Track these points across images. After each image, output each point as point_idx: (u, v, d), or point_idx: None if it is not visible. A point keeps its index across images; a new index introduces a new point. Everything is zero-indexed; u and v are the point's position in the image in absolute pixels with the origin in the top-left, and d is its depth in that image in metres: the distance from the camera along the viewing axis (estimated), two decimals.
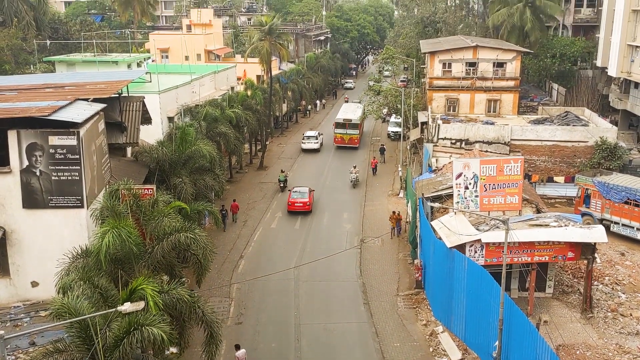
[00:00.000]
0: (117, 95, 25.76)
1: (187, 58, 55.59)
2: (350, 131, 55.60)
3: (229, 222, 36.95)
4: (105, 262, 16.24)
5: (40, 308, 20.20)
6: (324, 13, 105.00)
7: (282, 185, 43.84)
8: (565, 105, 52.93)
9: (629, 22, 47.12)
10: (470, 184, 25.91)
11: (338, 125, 56.27)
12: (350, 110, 59.18)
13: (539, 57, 59.67)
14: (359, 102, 65.72)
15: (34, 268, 20.77)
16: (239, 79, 56.11)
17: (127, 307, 13.74)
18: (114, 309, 14.25)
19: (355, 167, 46.20)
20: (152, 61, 53.68)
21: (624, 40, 47.50)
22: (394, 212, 35.93)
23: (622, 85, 49.78)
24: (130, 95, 27.96)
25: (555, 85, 61.27)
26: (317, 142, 56.07)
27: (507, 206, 26.20)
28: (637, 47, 46.26)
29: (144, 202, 19.19)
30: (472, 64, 47.28)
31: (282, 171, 45.74)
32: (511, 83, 47.20)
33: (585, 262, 25.02)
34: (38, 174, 19.89)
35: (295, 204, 39.10)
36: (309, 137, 56.52)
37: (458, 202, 26.13)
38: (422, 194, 29.16)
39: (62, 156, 19.75)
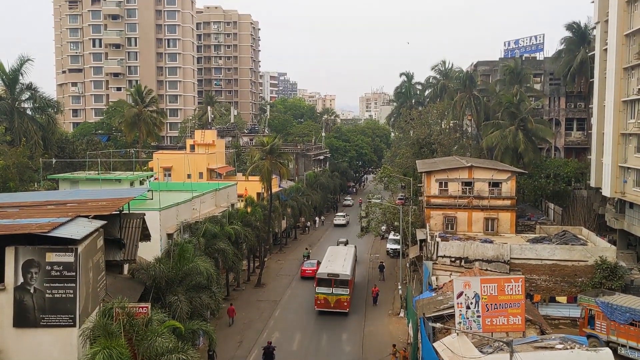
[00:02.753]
0: (118, 212, 26.00)
1: (189, 176, 56.77)
2: (337, 290, 41.64)
3: (225, 325, 37.33)
4: None
5: None
6: (323, 134, 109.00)
7: (305, 259, 56.12)
8: (562, 224, 53.25)
9: (619, 145, 48.70)
10: (471, 303, 25.42)
11: (321, 282, 41.90)
12: (338, 258, 46.62)
13: (534, 177, 61.01)
14: (346, 242, 60.39)
15: None
16: (240, 196, 56.92)
17: None
18: None
19: None
20: (155, 179, 54.73)
21: (615, 162, 48.81)
22: (394, 346, 33.39)
23: (617, 205, 50.41)
24: (131, 212, 28.21)
25: (552, 205, 62.05)
26: (344, 220, 78.64)
27: (510, 327, 25.52)
28: (628, 168, 47.45)
29: (137, 321, 18.74)
30: (468, 184, 48.19)
31: (306, 248, 60.47)
32: (507, 202, 47.82)
33: None
34: (32, 291, 19.54)
35: (306, 272, 51.30)
36: (338, 216, 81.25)
37: (460, 323, 25.48)
38: (424, 314, 28.51)
39: (58, 273, 19.52)
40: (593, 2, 57.98)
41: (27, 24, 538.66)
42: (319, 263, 49.00)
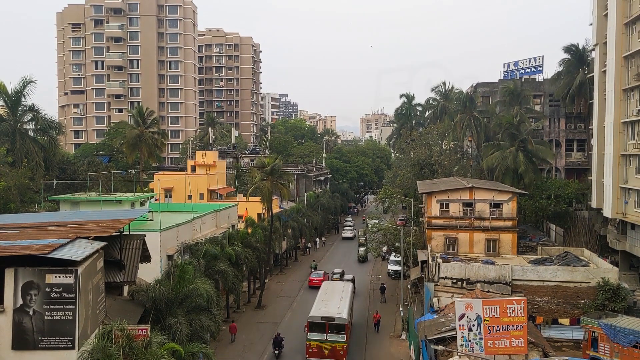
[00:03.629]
0: (118, 233, 25.95)
1: (189, 197, 56.80)
2: (332, 337, 35.84)
3: (225, 347, 36.87)
4: None
5: None
6: (324, 155, 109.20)
7: (312, 270, 60.21)
8: (563, 245, 53.06)
9: (619, 166, 48.76)
10: (473, 325, 25.24)
11: (313, 326, 36.13)
12: (333, 297, 41.07)
13: (535, 198, 60.94)
14: (342, 274, 55.25)
15: None
16: (240, 217, 56.80)
17: None
18: None
19: None
20: (156, 200, 54.72)
21: (616, 183, 48.81)
22: None
23: (619, 226, 50.28)
24: (131, 233, 28.14)
25: (553, 226, 61.88)
26: (352, 233, 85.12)
27: (513, 349, 25.30)
28: (629, 189, 47.43)
29: (137, 344, 18.59)
30: (469, 204, 48.12)
31: (313, 260, 65.44)
32: (509, 223, 47.71)
33: None
34: (31, 313, 19.42)
35: (314, 281, 54.26)
36: (346, 230, 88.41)
37: (462, 345, 25.28)
38: (425, 336, 28.28)
39: (58, 295, 19.42)
40: (591, 24, 58.54)
41: (30, 46, 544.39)
42: (325, 273, 53.18)
